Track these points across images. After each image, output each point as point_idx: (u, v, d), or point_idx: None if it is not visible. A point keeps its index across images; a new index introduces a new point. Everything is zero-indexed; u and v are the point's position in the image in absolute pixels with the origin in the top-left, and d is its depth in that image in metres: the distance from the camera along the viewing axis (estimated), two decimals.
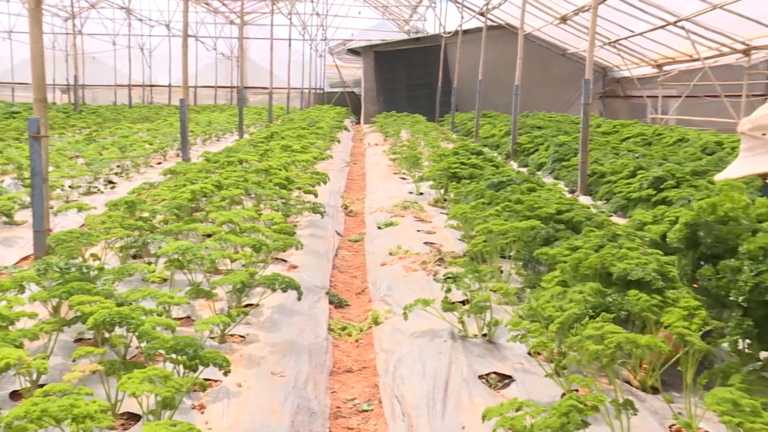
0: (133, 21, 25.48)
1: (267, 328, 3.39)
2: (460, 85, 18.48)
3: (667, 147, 10.44)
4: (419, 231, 5.58)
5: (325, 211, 5.95)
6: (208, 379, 2.63)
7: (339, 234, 6.01)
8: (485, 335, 3.22)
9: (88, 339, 3.06)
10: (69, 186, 6.99)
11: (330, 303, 4.12)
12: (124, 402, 2.33)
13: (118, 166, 8.74)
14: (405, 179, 8.68)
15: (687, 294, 2.42)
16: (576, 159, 8.21)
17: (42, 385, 2.32)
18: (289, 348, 3.17)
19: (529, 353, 3.00)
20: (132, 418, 2.40)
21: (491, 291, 3.44)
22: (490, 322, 3.21)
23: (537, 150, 10.51)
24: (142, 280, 3.83)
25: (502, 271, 4.14)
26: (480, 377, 2.83)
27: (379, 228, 5.89)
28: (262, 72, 23.70)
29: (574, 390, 2.54)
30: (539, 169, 9.50)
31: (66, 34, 24.73)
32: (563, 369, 2.60)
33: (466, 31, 19.15)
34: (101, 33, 26.18)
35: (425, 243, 5.15)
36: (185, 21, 9.44)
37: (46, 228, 4.12)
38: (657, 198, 6.10)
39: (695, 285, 2.15)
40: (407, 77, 21.86)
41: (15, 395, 2.54)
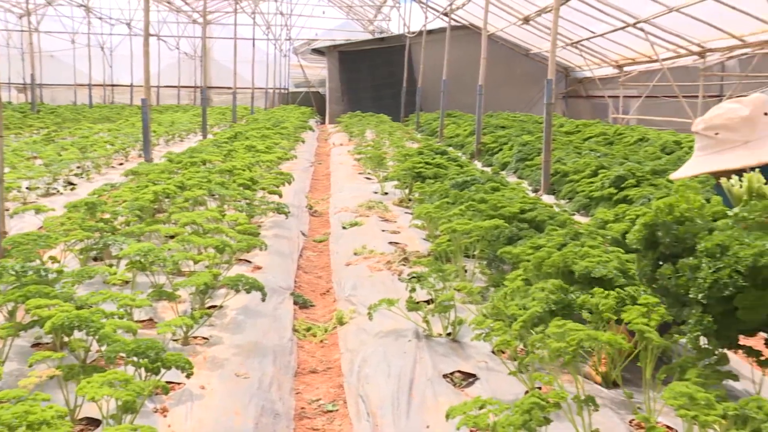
0: (93, 19, 25.01)
1: (231, 329, 3.36)
2: (424, 85, 18.54)
3: (628, 146, 10.61)
4: (384, 231, 5.59)
5: (290, 212, 5.92)
6: (170, 382, 2.60)
7: (304, 234, 5.99)
8: (450, 334, 3.24)
9: (46, 344, 3.00)
10: (26, 188, 6.85)
11: (295, 304, 4.11)
12: (83, 407, 2.29)
13: (78, 167, 8.58)
14: (370, 179, 8.68)
15: (645, 291, 2.46)
16: (539, 158, 8.30)
17: None
18: (254, 349, 3.15)
19: (493, 351, 3.02)
20: (92, 423, 2.36)
21: (455, 290, 3.46)
22: (454, 321, 3.22)
23: (501, 149, 10.60)
24: (103, 282, 3.76)
25: (466, 271, 4.16)
26: (444, 376, 2.84)
27: (344, 228, 5.88)
28: (225, 72, 23.48)
29: (537, 387, 2.56)
30: (503, 169, 9.58)
31: (21, 31, 24.17)
32: (527, 367, 2.63)
33: (430, 31, 19.21)
34: (59, 31, 25.59)
35: (390, 243, 5.16)
36: (146, 20, 9.31)
37: (1, 231, 4.03)
38: (618, 197, 6.19)
39: (654, 285, 2.18)
40: (372, 77, 21.86)
41: None
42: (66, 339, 2.63)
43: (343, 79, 21.98)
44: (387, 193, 7.50)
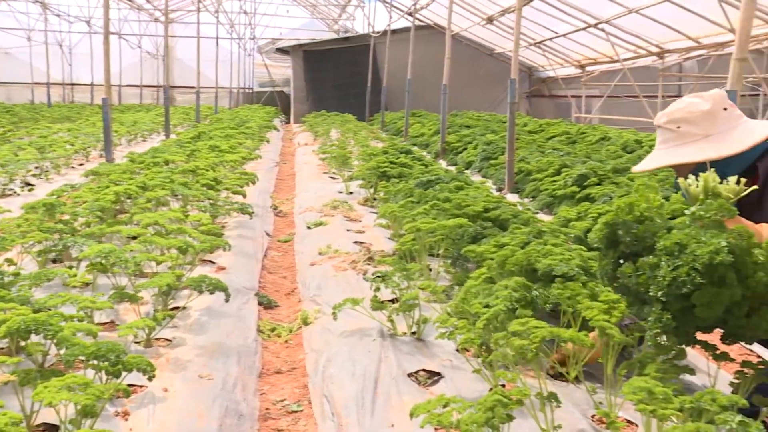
0: (50, 16, 24.47)
1: (194, 330, 3.33)
2: (389, 85, 18.56)
3: (591, 145, 10.76)
4: (349, 230, 5.58)
5: (254, 212, 5.88)
6: (132, 385, 2.56)
7: (268, 234, 5.95)
8: (414, 333, 3.25)
9: (1, 348, 2.93)
10: None
11: (259, 304, 4.08)
12: (41, 413, 2.24)
13: (36, 167, 8.41)
14: (335, 179, 8.66)
15: (606, 288, 2.49)
16: (503, 157, 8.36)
17: None
18: (217, 350, 3.12)
19: (458, 350, 3.03)
20: (50, 429, 2.31)
21: (420, 289, 3.47)
22: (419, 320, 3.23)
23: (465, 149, 10.66)
24: (62, 285, 3.70)
25: (431, 269, 4.17)
26: (409, 375, 2.85)
27: (309, 228, 5.86)
28: (189, 71, 23.15)
29: (501, 385, 2.59)
30: (468, 168, 9.64)
31: None
32: (491, 365, 2.64)
33: (394, 31, 19.24)
34: (14, 27, 24.89)
35: (355, 242, 5.15)
36: (106, 17, 9.16)
37: None
38: (581, 195, 6.27)
39: (616, 284, 2.21)
40: (337, 77, 21.82)
41: None
42: (23, 343, 2.57)
43: (308, 79, 21.90)
44: (352, 193, 7.49)
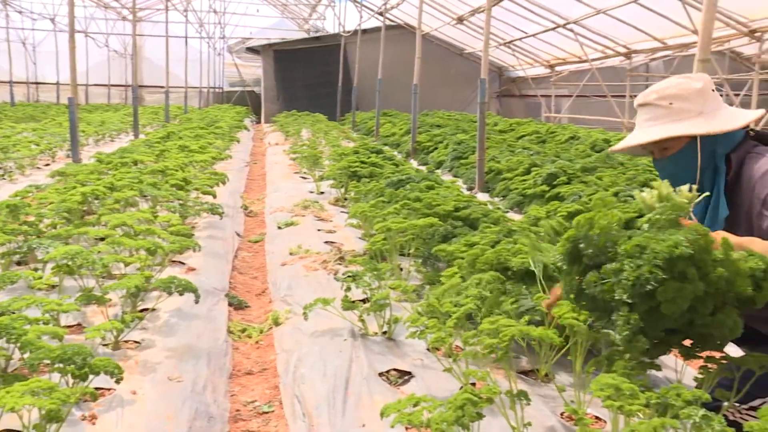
0: (12, 13, 23.95)
1: (164, 332, 3.29)
2: (360, 84, 18.55)
3: (560, 145, 10.86)
4: (320, 230, 5.57)
5: (224, 212, 5.84)
6: (99, 388, 2.53)
7: (239, 235, 5.91)
8: (385, 333, 3.25)
9: None
10: None
11: (229, 305, 4.05)
12: (3, 419, 2.20)
13: None
14: (306, 178, 8.64)
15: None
16: (474, 157, 8.41)
17: None
18: (187, 352, 3.09)
19: (429, 349, 3.04)
20: None
21: (391, 289, 3.47)
22: (390, 319, 3.24)
23: (436, 148, 10.70)
24: (27, 287, 3.63)
25: (401, 269, 4.18)
26: (380, 374, 2.85)
27: (280, 228, 5.84)
28: (158, 70, 22.89)
29: (471, 383, 2.60)
30: (438, 167, 9.67)
31: None
32: (462, 363, 2.66)
33: (365, 31, 19.24)
34: None
35: (326, 242, 5.14)
36: (71, 15, 9.00)
37: None
38: (550, 194, 6.33)
39: (583, 301, 2.22)
40: (308, 76, 21.74)
41: None
42: None
43: (279, 78, 21.79)
44: (323, 193, 7.48)
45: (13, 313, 2.65)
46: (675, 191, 2.15)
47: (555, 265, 2.63)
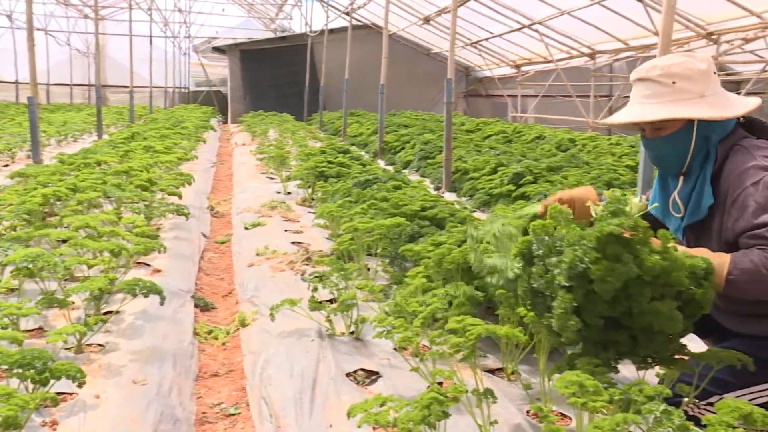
0: None
1: (128, 335, 3.25)
2: (327, 84, 18.52)
3: (526, 144, 10.97)
4: (287, 231, 5.55)
5: (190, 213, 5.78)
6: (61, 393, 2.49)
7: (205, 236, 5.86)
8: (353, 333, 3.25)
9: None
10: None
11: (196, 306, 4.02)
12: None
13: None
14: (273, 179, 8.59)
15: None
16: (441, 156, 8.44)
17: None
18: (152, 354, 3.06)
19: (396, 349, 3.05)
20: None
21: (358, 289, 3.48)
22: (357, 319, 3.24)
23: (404, 148, 10.72)
24: None
25: (369, 269, 4.18)
26: (348, 375, 2.85)
27: (247, 229, 5.80)
28: (122, 70, 22.53)
29: (438, 383, 2.61)
30: (406, 167, 9.69)
31: None
32: (429, 362, 2.67)
33: (332, 31, 19.20)
34: None
35: (293, 242, 5.12)
36: (29, 12, 8.78)
37: None
38: (517, 193, 6.39)
39: (537, 301, 2.25)
40: (274, 76, 21.63)
41: None
42: None
43: (245, 78, 21.64)
44: (290, 193, 7.45)
45: None
46: (635, 198, 2.18)
47: (513, 271, 2.67)
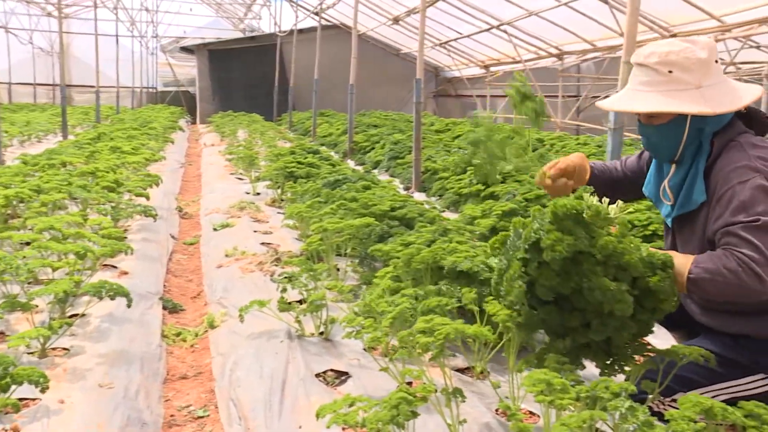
0: None
1: (95, 338, 3.21)
2: (297, 84, 18.45)
3: None
4: (256, 231, 5.52)
5: (159, 214, 5.72)
6: (24, 399, 2.44)
7: (173, 237, 5.81)
8: (322, 333, 3.24)
9: None
10: None
11: (164, 308, 3.98)
12: None
13: None
14: (242, 179, 8.54)
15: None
16: (410, 156, 8.46)
17: None
18: (119, 358, 3.02)
19: (365, 349, 3.05)
20: None
21: (327, 289, 3.47)
22: (326, 320, 3.23)
23: (373, 148, 10.72)
24: None
25: (338, 269, 4.18)
26: (317, 375, 2.85)
27: (215, 230, 5.76)
28: (88, 69, 22.12)
29: (407, 382, 2.62)
30: (375, 167, 9.70)
31: None
32: (398, 362, 2.67)
33: (301, 31, 19.14)
34: None
35: (262, 243, 5.10)
36: None
37: None
38: (486, 193, 6.42)
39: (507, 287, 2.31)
40: (243, 76, 21.49)
41: None
42: None
43: (214, 78, 21.47)
44: (259, 194, 7.41)
45: None
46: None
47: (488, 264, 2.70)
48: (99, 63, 17.40)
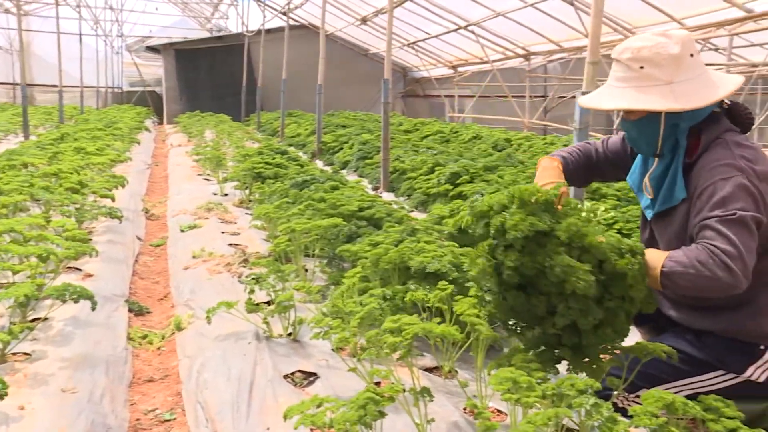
0: None
1: (58, 342, 3.15)
2: (265, 85, 18.35)
3: (463, 144, 11.10)
4: (224, 233, 5.48)
5: (125, 216, 5.64)
6: None
7: (140, 239, 5.74)
8: (290, 334, 3.23)
9: None
10: None
11: (130, 311, 3.93)
12: None
13: None
14: (209, 180, 8.47)
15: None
16: (379, 157, 8.47)
17: None
18: (83, 362, 2.98)
19: (333, 349, 3.04)
20: None
21: (295, 290, 3.46)
22: (294, 321, 3.22)
23: (342, 148, 10.71)
24: None
25: (306, 270, 4.17)
26: (285, 377, 2.83)
27: (183, 231, 5.70)
28: (50, 68, 21.65)
29: (376, 382, 2.62)
30: (344, 168, 9.69)
31: None
32: (366, 363, 2.67)
33: (269, 30, 19.05)
34: None
35: (230, 244, 5.06)
36: None
37: None
38: (454, 192, 6.45)
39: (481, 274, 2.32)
40: (211, 76, 21.29)
41: None
42: None
43: (181, 78, 21.23)
44: (227, 195, 7.36)
45: None
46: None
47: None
48: (62, 62, 17.11)
